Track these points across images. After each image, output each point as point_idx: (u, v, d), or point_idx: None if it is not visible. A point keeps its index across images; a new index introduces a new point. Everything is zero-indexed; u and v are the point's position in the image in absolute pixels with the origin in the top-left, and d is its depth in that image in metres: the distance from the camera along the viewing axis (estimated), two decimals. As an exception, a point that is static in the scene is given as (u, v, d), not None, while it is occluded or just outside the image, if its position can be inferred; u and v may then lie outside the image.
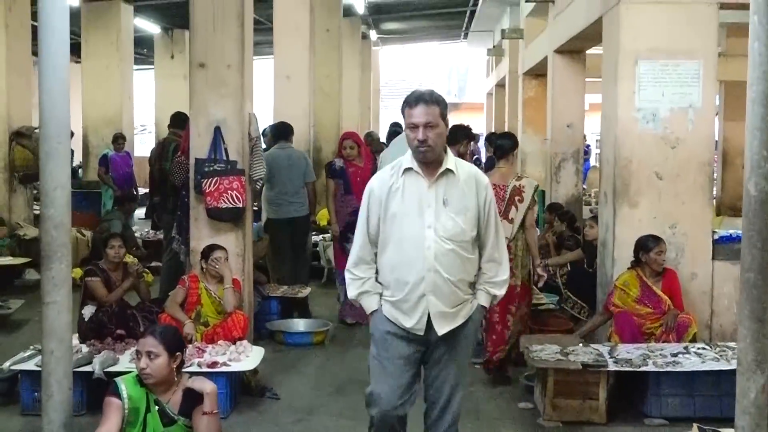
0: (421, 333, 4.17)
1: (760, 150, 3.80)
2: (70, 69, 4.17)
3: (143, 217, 17.14)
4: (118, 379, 4.34)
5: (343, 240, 8.67)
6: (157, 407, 4.26)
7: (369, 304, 4.29)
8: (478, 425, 6.03)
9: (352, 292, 4.35)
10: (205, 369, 5.85)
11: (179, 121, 9.54)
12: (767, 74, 3.76)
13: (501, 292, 4.35)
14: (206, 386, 4.32)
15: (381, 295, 4.28)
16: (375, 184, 4.28)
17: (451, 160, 4.19)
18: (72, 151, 7.45)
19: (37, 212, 13.52)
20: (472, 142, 8.60)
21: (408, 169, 4.18)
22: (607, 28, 7.43)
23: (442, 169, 4.15)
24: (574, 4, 9.47)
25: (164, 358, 4.24)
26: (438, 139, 4.10)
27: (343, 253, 8.46)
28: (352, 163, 8.96)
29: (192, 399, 4.28)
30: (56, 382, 4.14)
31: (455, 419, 4.38)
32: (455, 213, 4.14)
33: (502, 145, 7.24)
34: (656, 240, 6.70)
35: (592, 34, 8.64)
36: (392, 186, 4.19)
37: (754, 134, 3.82)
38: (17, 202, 11.88)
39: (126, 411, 4.19)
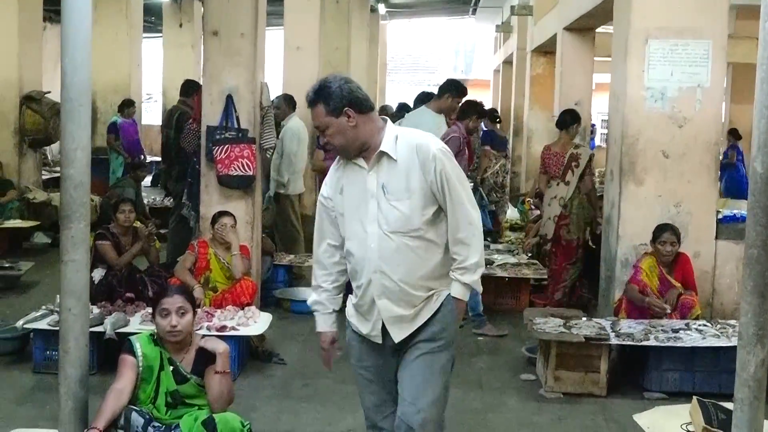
0: (379, 341, 3.68)
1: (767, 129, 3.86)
2: (89, 34, 4.21)
3: (149, 184, 17.28)
4: (132, 338, 4.42)
5: None
6: (170, 366, 4.34)
7: (317, 322, 3.87)
8: (482, 395, 6.15)
9: (309, 300, 3.92)
10: (214, 333, 5.94)
11: (188, 88, 9.61)
12: (778, 54, 3.82)
13: (472, 277, 3.61)
14: (219, 346, 4.40)
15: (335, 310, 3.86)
16: (326, 184, 3.83)
17: (388, 140, 3.59)
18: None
19: (45, 176, 13.63)
20: (482, 119, 8.63)
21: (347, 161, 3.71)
22: (618, 6, 7.44)
23: (375, 154, 3.59)
24: (585, -19, 9.49)
25: (191, 315, 4.38)
26: (338, 134, 3.58)
27: None
28: None
29: (205, 359, 4.37)
30: (73, 339, 4.20)
31: (425, 422, 3.58)
32: (396, 199, 3.56)
33: (564, 119, 8.71)
34: (662, 230, 6.64)
35: (603, 12, 8.67)
36: (338, 182, 3.74)
37: (762, 113, 3.87)
38: (27, 166, 11.97)
39: (140, 368, 4.28)
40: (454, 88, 7.90)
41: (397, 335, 3.64)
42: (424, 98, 9.02)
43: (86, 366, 4.30)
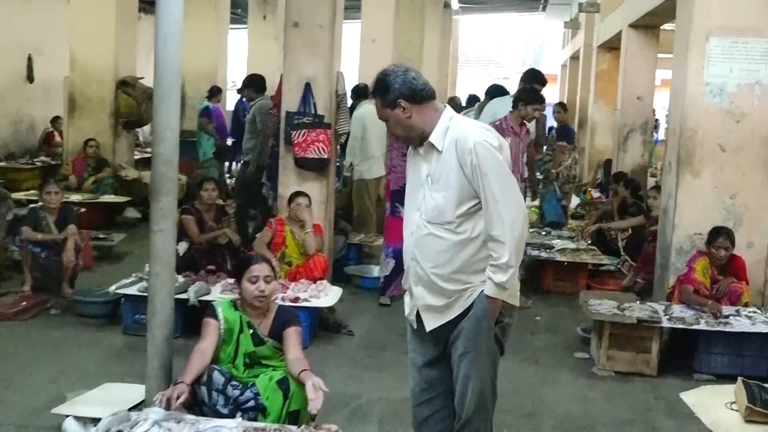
0: (414, 325, 3.64)
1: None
2: (180, 24, 4.33)
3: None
4: (215, 303, 4.55)
5: (395, 200, 7.58)
6: (249, 330, 4.44)
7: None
8: (538, 370, 6.18)
9: (404, 283, 3.77)
10: (288, 303, 6.06)
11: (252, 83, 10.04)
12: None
13: (502, 277, 3.36)
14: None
15: None
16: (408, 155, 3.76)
17: (438, 131, 3.48)
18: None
19: (137, 156, 13.97)
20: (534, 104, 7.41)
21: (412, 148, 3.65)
22: (681, 4, 7.37)
23: (426, 143, 3.51)
24: (650, -20, 9.39)
25: (274, 283, 4.53)
26: (397, 126, 3.53)
27: (390, 223, 7.68)
28: None
29: (281, 324, 4.48)
30: (160, 302, 4.35)
31: (471, 414, 3.55)
32: (437, 190, 3.45)
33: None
34: (718, 234, 6.47)
35: (667, 10, 8.58)
36: (409, 165, 3.71)
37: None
38: (121, 146, 12.25)
39: (222, 331, 4.38)
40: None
41: (429, 324, 3.55)
42: (492, 91, 9.01)
43: (171, 327, 4.43)
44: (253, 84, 10.24)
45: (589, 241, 9.48)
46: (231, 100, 18.05)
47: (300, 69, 7.35)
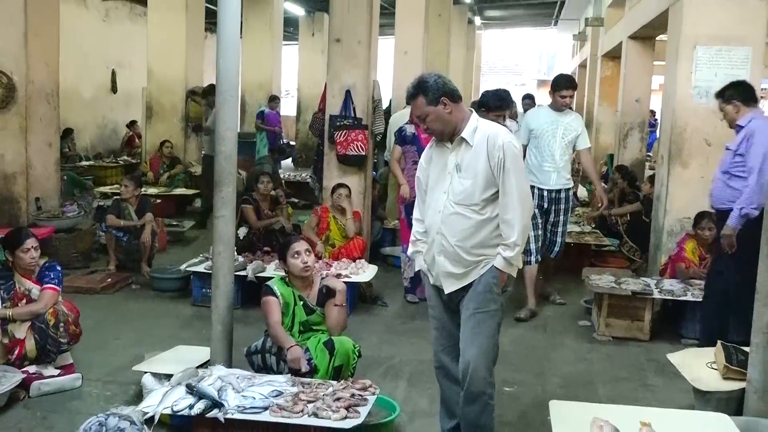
0: (441, 288, 3.71)
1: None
2: (239, 41, 4.44)
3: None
4: (269, 283, 4.57)
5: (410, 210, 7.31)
6: (301, 301, 4.50)
7: (417, 262, 3.86)
8: (545, 336, 6.21)
9: (409, 250, 3.95)
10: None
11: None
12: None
13: (510, 253, 3.51)
14: (338, 284, 4.54)
15: None
16: (423, 154, 3.87)
17: (469, 128, 3.58)
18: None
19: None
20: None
21: (438, 140, 3.73)
22: (672, 17, 7.32)
23: (457, 138, 3.61)
24: (646, -3, 9.31)
25: (314, 255, 4.60)
26: (436, 121, 3.57)
27: (408, 227, 6.74)
28: None
29: (326, 294, 4.54)
30: (222, 277, 4.44)
31: (476, 369, 3.57)
32: (465, 177, 3.55)
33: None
34: (702, 217, 6.43)
35: (661, 22, 8.50)
36: (431, 155, 3.77)
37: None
38: (190, 146, 12.43)
39: (281, 305, 4.44)
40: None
41: (447, 287, 3.64)
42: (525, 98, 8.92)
43: (232, 299, 4.51)
44: (213, 92, 10.33)
45: (593, 226, 9.45)
46: (288, 105, 18.15)
47: (341, 78, 7.41)
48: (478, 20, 23.24)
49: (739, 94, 5.33)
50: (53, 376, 4.61)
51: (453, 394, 3.80)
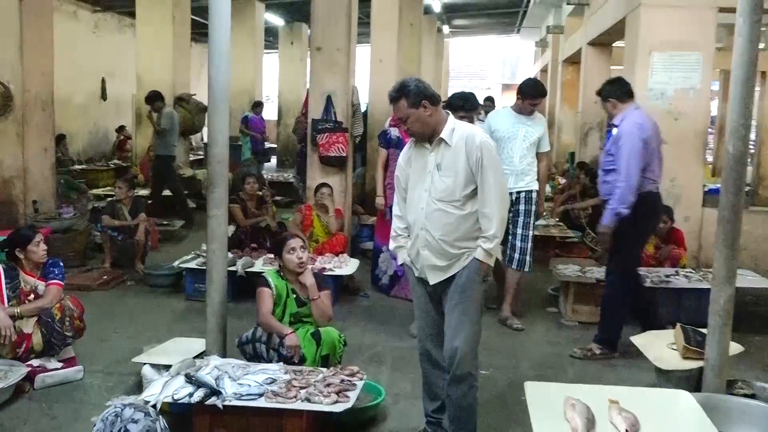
0: (425, 280, 3.72)
1: (738, 119, 3.88)
2: (229, 52, 4.36)
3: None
4: (265, 274, 4.54)
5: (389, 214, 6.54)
6: (293, 294, 4.48)
7: (400, 256, 3.85)
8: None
9: (391, 245, 3.91)
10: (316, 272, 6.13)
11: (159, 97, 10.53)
12: (747, 62, 3.83)
13: (489, 245, 3.54)
14: (307, 280, 4.44)
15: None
16: (401, 155, 3.87)
17: (447, 129, 3.60)
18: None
19: (192, 158, 14.02)
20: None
21: (416, 141, 3.74)
22: (630, 25, 7.40)
23: (436, 139, 3.62)
24: (604, 6, 9.38)
25: (308, 252, 4.57)
26: (417, 122, 3.59)
27: (385, 227, 6.44)
28: None
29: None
30: (216, 273, 4.41)
31: (464, 354, 3.59)
32: (446, 175, 3.57)
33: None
34: None
35: (618, 30, 8.58)
36: (410, 156, 3.77)
37: (734, 108, 3.91)
38: (178, 150, 12.24)
39: (274, 296, 4.41)
40: (518, 90, 6.27)
41: (432, 279, 3.65)
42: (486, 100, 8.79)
43: (225, 292, 4.48)
44: (159, 97, 10.49)
45: (558, 219, 9.53)
46: (268, 110, 18.06)
47: (322, 84, 7.40)
48: (446, 29, 23.26)
49: (613, 91, 5.31)
50: (56, 369, 4.56)
51: (436, 378, 3.83)
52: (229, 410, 3.58)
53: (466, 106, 5.65)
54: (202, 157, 15.13)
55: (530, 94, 6.03)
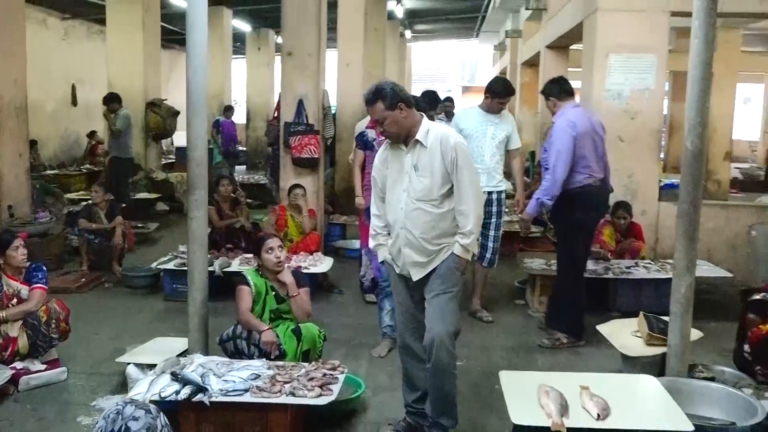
0: (407, 277, 3.74)
1: (696, 117, 3.98)
2: (207, 57, 4.31)
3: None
4: (245, 272, 4.52)
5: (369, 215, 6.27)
6: (273, 291, 4.47)
7: (380, 254, 3.86)
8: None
9: (371, 243, 3.93)
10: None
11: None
12: (703, 62, 3.93)
13: (467, 240, 3.57)
14: (286, 278, 4.46)
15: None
16: (377, 157, 3.86)
17: (422, 131, 3.60)
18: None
19: (164, 162, 13.86)
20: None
21: (392, 143, 3.73)
22: (587, 29, 7.48)
23: (411, 140, 3.62)
24: (562, 11, 9.48)
25: (285, 251, 4.57)
26: (393, 124, 3.59)
27: (366, 228, 6.06)
28: None
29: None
30: (197, 273, 4.37)
31: (443, 342, 3.58)
32: (423, 176, 3.58)
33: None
34: (618, 207, 6.55)
35: (575, 34, 8.67)
36: (386, 157, 3.76)
37: (691, 106, 4.00)
38: (151, 154, 12.15)
39: (253, 294, 4.40)
40: (487, 89, 6.21)
41: (415, 275, 3.68)
42: (445, 100, 8.83)
43: (206, 291, 4.44)
44: (116, 99, 10.43)
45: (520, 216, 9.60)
46: (237, 114, 17.89)
47: (294, 88, 7.37)
48: (408, 33, 23.35)
49: (553, 90, 5.47)
50: (40, 371, 4.49)
51: (416, 369, 3.84)
52: (215, 406, 3.55)
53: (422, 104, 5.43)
54: (173, 160, 14.97)
55: (499, 93, 6.01)
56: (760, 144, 22.62)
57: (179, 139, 16.66)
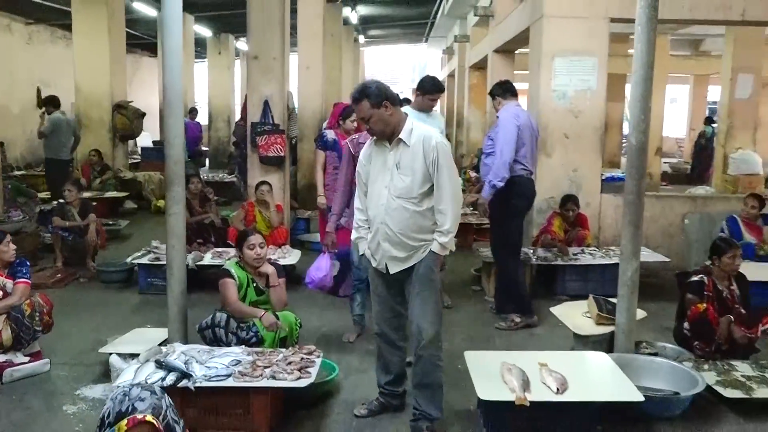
0: (383, 271, 3.68)
1: (639, 114, 4.11)
2: (182, 61, 4.29)
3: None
4: (227, 266, 4.49)
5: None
6: (253, 284, 4.46)
7: (360, 246, 3.81)
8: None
9: (353, 236, 3.86)
10: (263, 263, 6.09)
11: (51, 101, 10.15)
12: (645, 65, 4.06)
13: (444, 239, 3.52)
14: (268, 269, 4.47)
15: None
16: (362, 152, 3.81)
17: (406, 130, 3.55)
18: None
19: (131, 162, 13.61)
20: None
21: (376, 140, 3.68)
22: (533, 34, 7.59)
23: (395, 139, 3.57)
24: (509, 17, 9.61)
25: (267, 247, 4.56)
26: (379, 122, 3.54)
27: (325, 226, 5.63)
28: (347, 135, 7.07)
29: (267, 279, 4.52)
30: (176, 266, 4.34)
31: (429, 335, 3.62)
32: (404, 174, 3.52)
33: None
34: (567, 200, 6.71)
35: (522, 38, 8.78)
36: (370, 153, 3.72)
37: (635, 104, 4.13)
38: (118, 154, 11.93)
39: (237, 285, 4.37)
40: (418, 87, 6.08)
41: (392, 269, 3.63)
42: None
43: (185, 283, 4.41)
44: (51, 102, 10.21)
45: (471, 209, 9.73)
46: (198, 115, 17.64)
47: (260, 90, 7.33)
48: (362, 38, 23.33)
49: (499, 90, 5.86)
50: (23, 363, 4.40)
51: (391, 355, 3.87)
52: (200, 391, 3.54)
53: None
54: (138, 160, 14.70)
55: (430, 90, 5.92)
56: (686, 140, 23.33)
57: (143, 139, 16.41)
